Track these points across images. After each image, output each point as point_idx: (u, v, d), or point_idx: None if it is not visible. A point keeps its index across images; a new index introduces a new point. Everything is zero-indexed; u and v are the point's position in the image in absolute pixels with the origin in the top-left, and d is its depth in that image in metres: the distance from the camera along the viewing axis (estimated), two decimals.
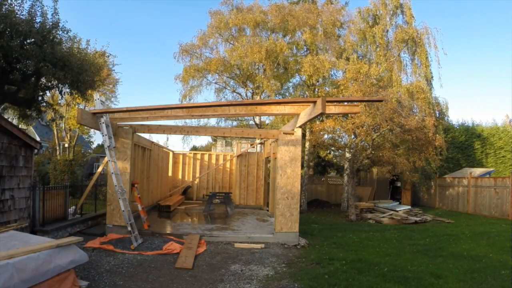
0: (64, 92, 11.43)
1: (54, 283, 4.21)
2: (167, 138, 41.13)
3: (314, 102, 6.80)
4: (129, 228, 7.47)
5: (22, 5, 9.22)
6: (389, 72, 16.69)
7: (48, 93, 14.03)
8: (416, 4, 50.04)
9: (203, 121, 18.92)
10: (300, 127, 8.55)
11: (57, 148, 18.32)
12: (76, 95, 11.64)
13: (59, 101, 16.51)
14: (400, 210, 13.82)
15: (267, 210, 13.70)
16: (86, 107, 15.55)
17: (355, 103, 8.02)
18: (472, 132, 20.26)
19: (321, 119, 14.85)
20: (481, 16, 57.43)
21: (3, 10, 8.69)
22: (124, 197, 7.82)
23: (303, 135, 13.75)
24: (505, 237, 9.55)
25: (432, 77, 16.96)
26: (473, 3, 56.55)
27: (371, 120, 13.00)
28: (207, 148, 33.61)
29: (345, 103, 7.99)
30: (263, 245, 7.85)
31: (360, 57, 17.86)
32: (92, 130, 22.30)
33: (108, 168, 8.11)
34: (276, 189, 8.60)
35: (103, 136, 7.74)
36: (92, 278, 5.25)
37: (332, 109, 7.45)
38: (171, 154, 16.46)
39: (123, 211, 7.56)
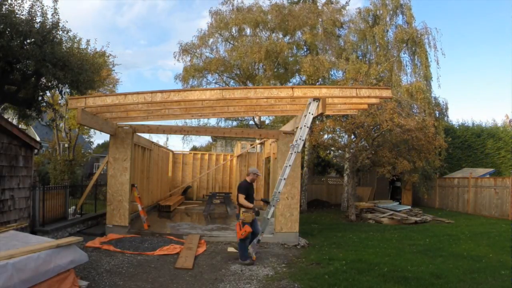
0: (64, 92, 11.44)
1: (54, 283, 4.21)
2: (167, 138, 41.27)
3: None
4: None
5: (22, 5, 9.24)
6: (389, 72, 16.68)
7: (48, 93, 14.03)
8: (416, 4, 50.12)
9: (203, 121, 18.92)
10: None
11: (57, 148, 18.29)
12: (76, 95, 11.65)
13: (59, 101, 16.49)
14: (400, 210, 13.81)
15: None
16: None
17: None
18: (472, 132, 20.22)
19: (321, 119, 14.84)
20: (481, 16, 57.47)
21: (3, 10, 8.70)
22: None
23: None
24: (505, 237, 9.54)
25: (431, 77, 16.97)
26: (473, 3, 56.58)
27: (371, 120, 13.00)
28: (207, 148, 33.56)
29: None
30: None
31: (360, 57, 17.84)
32: (92, 130, 22.29)
33: (108, 168, 8.10)
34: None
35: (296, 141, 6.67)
36: (92, 278, 5.25)
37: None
38: (171, 154, 16.47)
39: None
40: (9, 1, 8.94)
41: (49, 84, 10.84)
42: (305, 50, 18.42)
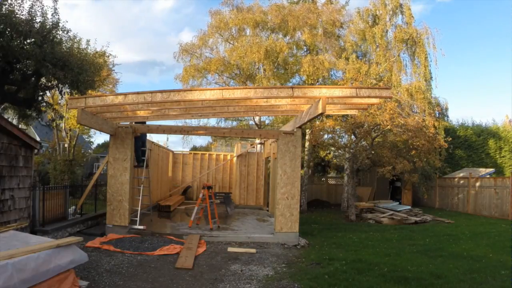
0: (64, 92, 11.43)
1: (54, 283, 4.21)
2: (167, 138, 41.36)
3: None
4: None
5: (22, 5, 9.23)
6: (388, 72, 16.69)
7: (48, 93, 14.03)
8: (416, 4, 50.10)
9: (203, 121, 18.88)
10: (300, 127, 8.56)
11: (57, 148, 18.29)
12: (76, 95, 11.65)
13: (59, 101, 16.49)
14: (400, 210, 13.81)
15: (267, 210, 13.69)
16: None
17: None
18: (472, 131, 20.22)
19: (321, 119, 14.84)
20: (481, 15, 57.47)
21: (3, 10, 8.69)
22: None
23: (303, 135, 13.74)
24: (505, 237, 9.54)
25: (431, 77, 16.99)
26: (473, 2, 56.58)
27: (371, 120, 13.00)
28: (207, 148, 33.52)
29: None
30: (254, 250, 7.50)
31: (360, 57, 17.86)
32: (92, 130, 22.29)
33: (108, 168, 8.10)
34: (276, 189, 8.59)
35: None
36: (92, 278, 5.25)
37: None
38: (171, 154, 16.46)
39: None
40: (9, 1, 8.93)
41: (49, 84, 10.84)
42: (305, 50, 18.42)
